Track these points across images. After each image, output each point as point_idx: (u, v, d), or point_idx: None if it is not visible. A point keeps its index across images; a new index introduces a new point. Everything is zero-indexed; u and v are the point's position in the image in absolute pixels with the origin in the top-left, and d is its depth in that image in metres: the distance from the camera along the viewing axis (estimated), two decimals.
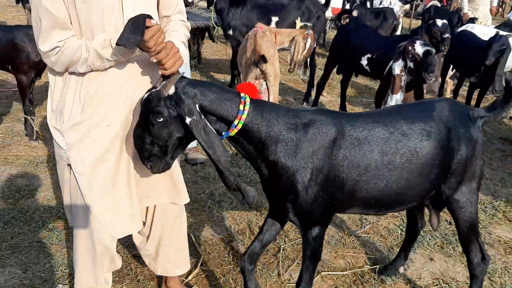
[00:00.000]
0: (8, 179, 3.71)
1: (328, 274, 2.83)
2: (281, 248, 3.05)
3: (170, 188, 2.18)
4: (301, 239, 3.15)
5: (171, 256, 2.36)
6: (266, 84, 4.41)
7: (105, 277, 2.14)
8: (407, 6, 9.07)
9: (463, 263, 3.01)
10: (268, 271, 2.83)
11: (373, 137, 2.00)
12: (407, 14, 11.80)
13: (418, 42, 3.39)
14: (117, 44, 1.63)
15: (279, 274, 2.82)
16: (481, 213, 3.63)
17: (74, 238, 2.08)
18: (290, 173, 1.91)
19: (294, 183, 1.93)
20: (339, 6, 9.62)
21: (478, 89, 5.28)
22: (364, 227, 3.36)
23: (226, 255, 2.96)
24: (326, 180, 1.94)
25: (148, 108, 1.76)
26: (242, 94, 1.87)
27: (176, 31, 2.02)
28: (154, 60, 1.75)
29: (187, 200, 2.28)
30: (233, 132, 1.86)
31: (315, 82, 6.06)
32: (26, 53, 4.09)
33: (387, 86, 3.62)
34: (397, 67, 3.46)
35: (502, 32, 5.05)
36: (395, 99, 3.43)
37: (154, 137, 1.79)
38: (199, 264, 2.85)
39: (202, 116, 1.77)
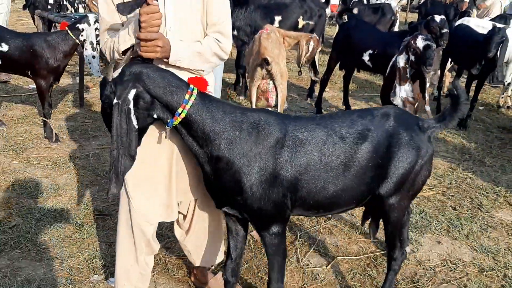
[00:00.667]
0: (33, 180, 3.90)
1: (344, 259, 3.04)
2: (298, 236, 3.25)
3: None
4: (315, 226, 3.38)
5: (210, 248, 2.56)
6: (274, 83, 4.61)
7: (145, 260, 2.36)
8: (404, 1, 9.29)
9: (468, 245, 3.23)
10: (287, 258, 3.03)
11: (313, 138, 2.05)
12: (403, 8, 12.00)
13: (420, 36, 3.59)
14: (116, 6, 1.84)
15: (298, 260, 3.02)
16: (484, 199, 3.85)
17: (118, 221, 2.33)
18: (234, 170, 1.97)
19: (239, 181, 1.97)
20: (336, 2, 9.82)
21: (476, 81, 5.47)
22: None
23: (247, 244, 3.16)
24: (271, 178, 1.99)
25: (101, 93, 1.86)
26: (191, 85, 1.92)
27: (198, 42, 2.10)
28: (139, 35, 1.85)
29: None
30: (177, 120, 1.89)
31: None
32: (45, 59, 4.28)
33: (392, 81, 3.81)
34: (401, 60, 3.67)
35: (498, 25, 5.25)
36: (404, 89, 3.65)
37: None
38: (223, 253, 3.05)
39: (130, 105, 1.78)
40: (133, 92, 1.79)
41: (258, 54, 4.39)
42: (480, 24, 5.74)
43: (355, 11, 6.79)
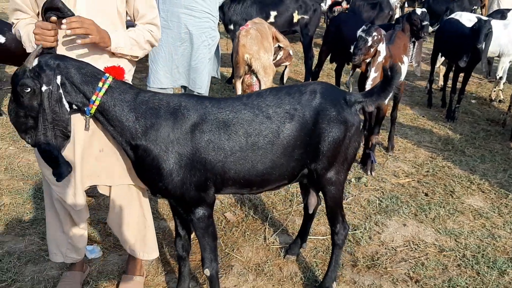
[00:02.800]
0: (27, 164, 4.12)
1: (310, 238, 3.17)
2: (269, 218, 3.40)
3: (127, 171, 2.34)
4: (288, 209, 3.53)
5: (135, 237, 2.52)
6: (257, 77, 4.75)
7: (72, 231, 2.45)
8: None
9: (433, 228, 3.33)
10: (255, 236, 3.18)
11: (239, 119, 2.09)
12: (408, 4, 12.02)
13: (363, 26, 3.72)
14: None
15: (265, 238, 3.17)
16: (457, 186, 3.95)
17: (44, 192, 2.46)
18: (152, 157, 2.01)
19: (158, 167, 2.02)
20: None
21: (463, 73, 5.53)
22: (346, 199, 3.69)
23: (219, 224, 3.32)
24: (191, 163, 2.03)
25: (16, 81, 1.87)
26: (106, 74, 1.99)
27: (131, 31, 2.25)
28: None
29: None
30: (92, 108, 1.95)
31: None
32: None
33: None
34: (353, 47, 3.85)
35: (483, 17, 5.31)
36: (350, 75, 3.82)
37: (26, 109, 1.90)
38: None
39: (60, 90, 1.88)
40: (59, 78, 1.88)
41: (237, 52, 4.55)
42: (469, 18, 5.80)
43: (344, 4, 6.87)
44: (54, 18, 1.96)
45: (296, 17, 6.53)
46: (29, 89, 1.86)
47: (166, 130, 2.00)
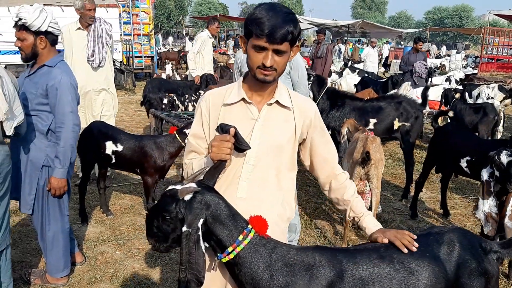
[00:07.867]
0: (132, 272, 4.18)
1: None
2: None
3: None
4: None
5: None
6: (369, 186, 4.66)
7: None
8: (508, 101, 8.90)
9: None
10: None
11: (378, 276, 1.92)
12: None
13: (504, 152, 3.49)
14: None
15: None
16: None
17: None
18: None
19: None
20: (438, 99, 9.71)
21: None
22: None
23: None
24: None
25: (163, 201, 1.86)
26: (249, 226, 1.88)
27: (352, 191, 2.31)
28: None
29: None
30: (225, 258, 1.86)
31: (414, 178, 6.15)
32: (154, 159, 4.75)
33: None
34: (485, 173, 3.59)
35: None
36: (487, 204, 3.52)
37: (159, 225, 1.87)
38: None
39: (199, 232, 1.79)
40: (202, 220, 1.82)
41: (362, 154, 4.50)
42: None
43: (451, 114, 6.66)
44: (232, 129, 1.91)
45: (397, 124, 6.44)
46: (168, 217, 1.84)
47: None
